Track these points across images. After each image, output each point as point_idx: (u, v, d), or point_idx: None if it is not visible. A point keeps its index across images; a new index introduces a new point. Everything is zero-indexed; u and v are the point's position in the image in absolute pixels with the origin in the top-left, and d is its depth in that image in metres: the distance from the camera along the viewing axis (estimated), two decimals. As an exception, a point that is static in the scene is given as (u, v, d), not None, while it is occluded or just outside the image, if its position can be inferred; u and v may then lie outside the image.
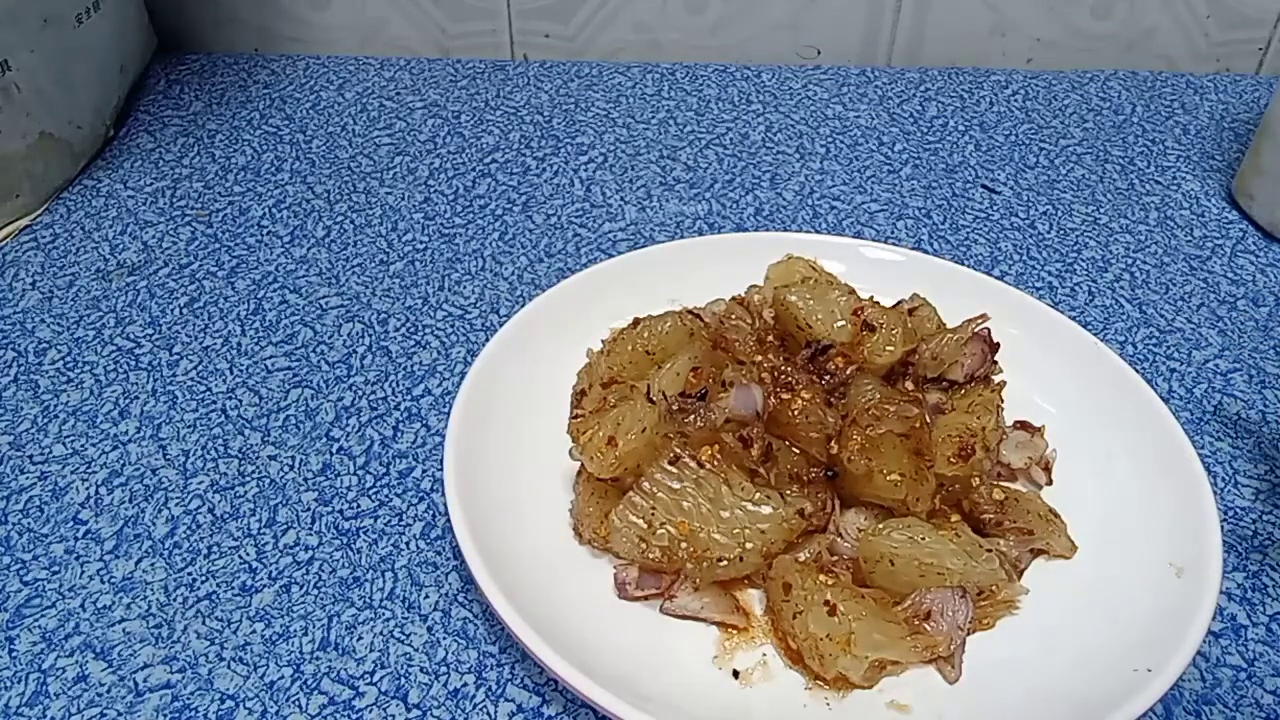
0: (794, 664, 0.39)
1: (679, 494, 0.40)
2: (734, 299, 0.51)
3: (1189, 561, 0.40)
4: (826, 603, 0.38)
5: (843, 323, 0.47)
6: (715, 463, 0.41)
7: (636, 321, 0.48)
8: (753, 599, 0.41)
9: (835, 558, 0.42)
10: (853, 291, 0.49)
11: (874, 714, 0.37)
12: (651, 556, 0.40)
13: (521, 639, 0.36)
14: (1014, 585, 0.41)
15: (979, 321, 0.48)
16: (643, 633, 0.40)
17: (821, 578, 0.39)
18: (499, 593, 0.38)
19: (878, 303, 0.48)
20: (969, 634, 0.39)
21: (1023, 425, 0.47)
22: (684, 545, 0.40)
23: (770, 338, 0.48)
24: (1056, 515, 0.43)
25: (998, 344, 0.48)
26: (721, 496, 0.40)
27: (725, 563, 0.40)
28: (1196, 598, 0.39)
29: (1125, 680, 0.36)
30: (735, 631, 0.40)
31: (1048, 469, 0.46)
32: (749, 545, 0.40)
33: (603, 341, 0.50)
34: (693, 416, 0.42)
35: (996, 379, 0.47)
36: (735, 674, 0.39)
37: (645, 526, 0.40)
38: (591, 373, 0.49)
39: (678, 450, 0.41)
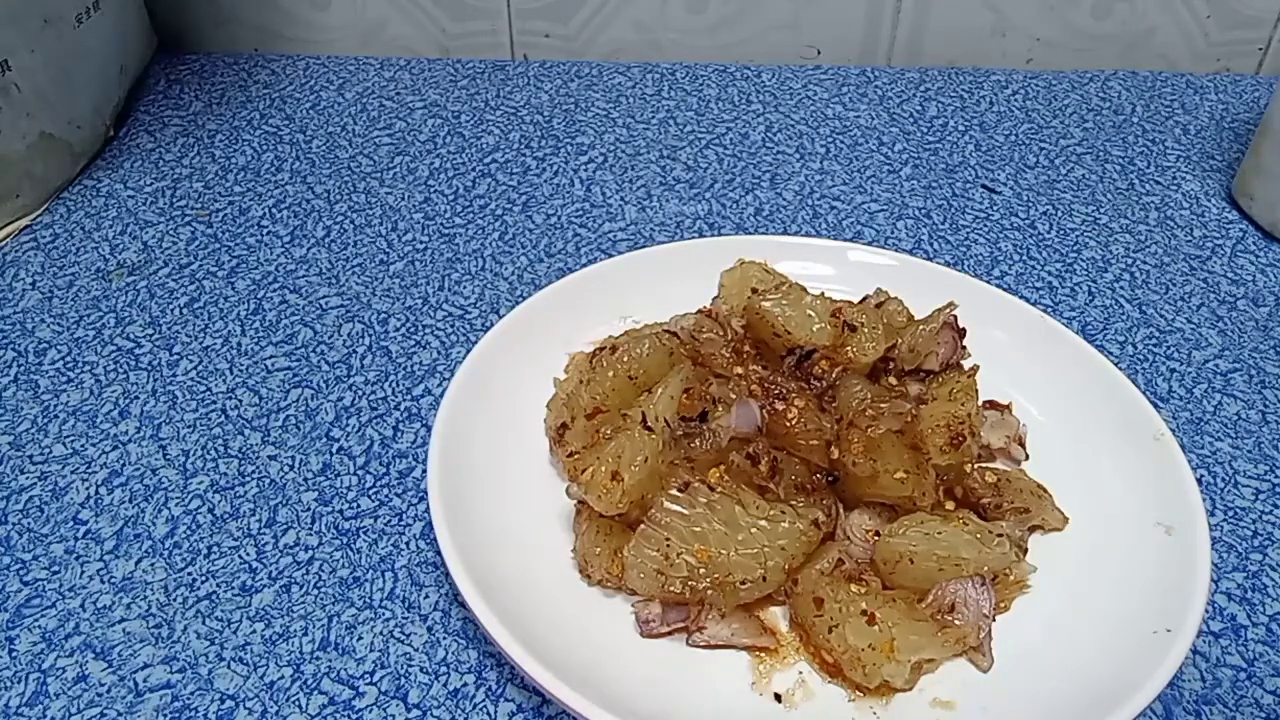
0: (832, 677, 0.38)
1: (692, 520, 0.39)
2: (701, 311, 0.49)
3: (1176, 520, 0.41)
4: (864, 612, 0.38)
5: (821, 325, 0.46)
6: (725, 484, 0.40)
7: (612, 348, 0.46)
8: (775, 616, 0.41)
9: (855, 563, 0.41)
10: (822, 294, 0.49)
11: (921, 715, 0.37)
12: (672, 589, 0.39)
13: (557, 695, 0.35)
14: (1022, 565, 0.41)
15: (948, 309, 0.48)
16: (671, 668, 0.38)
17: (853, 588, 0.39)
18: (526, 654, 0.36)
19: (851, 301, 0.48)
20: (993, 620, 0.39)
21: (991, 405, 0.47)
22: (704, 572, 0.39)
23: (746, 348, 0.47)
24: (1044, 489, 0.44)
25: (964, 329, 0.48)
26: (736, 518, 0.39)
27: (749, 584, 0.39)
28: (1193, 553, 0.40)
29: (1150, 643, 0.37)
30: (766, 653, 0.39)
31: (1023, 444, 0.46)
32: (771, 563, 0.39)
33: (565, 370, 0.49)
34: (698, 440, 0.41)
35: (967, 364, 0.47)
36: (777, 697, 0.38)
37: (662, 559, 0.39)
38: (572, 404, 0.46)
39: (686, 476, 0.40)
